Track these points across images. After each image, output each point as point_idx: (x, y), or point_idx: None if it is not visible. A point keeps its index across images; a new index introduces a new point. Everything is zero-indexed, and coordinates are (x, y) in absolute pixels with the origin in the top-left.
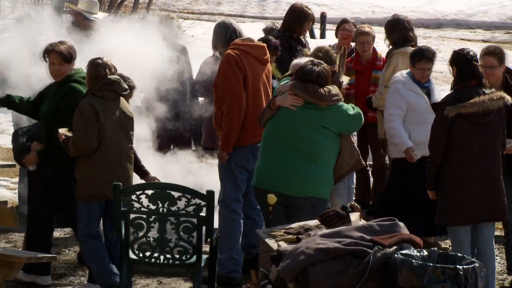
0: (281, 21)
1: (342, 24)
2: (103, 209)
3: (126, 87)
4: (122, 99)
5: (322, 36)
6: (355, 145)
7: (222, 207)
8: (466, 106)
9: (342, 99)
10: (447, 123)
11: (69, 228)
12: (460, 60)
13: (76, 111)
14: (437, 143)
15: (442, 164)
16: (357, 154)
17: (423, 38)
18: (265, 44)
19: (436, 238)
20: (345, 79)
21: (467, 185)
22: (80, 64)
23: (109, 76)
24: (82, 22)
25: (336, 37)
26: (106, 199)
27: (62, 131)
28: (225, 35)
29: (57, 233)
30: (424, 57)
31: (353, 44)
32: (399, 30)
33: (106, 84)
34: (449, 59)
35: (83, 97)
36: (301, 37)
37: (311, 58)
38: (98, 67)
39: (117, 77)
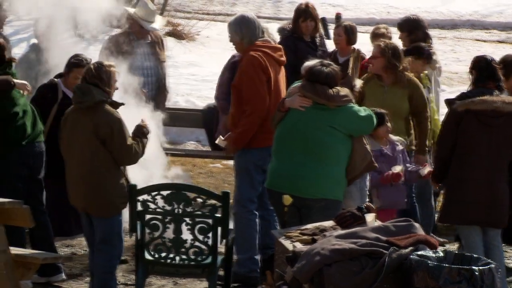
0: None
1: (335, 29)
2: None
3: (89, 99)
4: (105, 108)
5: None
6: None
7: (238, 208)
8: (475, 102)
9: (353, 101)
10: (456, 118)
11: None
12: (479, 62)
13: None
14: (444, 137)
15: (450, 161)
16: (370, 156)
17: (438, 38)
18: (281, 46)
19: None
20: (358, 83)
21: (468, 184)
22: None
23: (76, 85)
24: (138, 30)
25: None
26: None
27: None
28: (257, 33)
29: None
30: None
31: (357, 45)
32: (421, 28)
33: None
34: (470, 66)
35: None
36: (316, 39)
37: (321, 60)
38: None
39: (81, 85)
